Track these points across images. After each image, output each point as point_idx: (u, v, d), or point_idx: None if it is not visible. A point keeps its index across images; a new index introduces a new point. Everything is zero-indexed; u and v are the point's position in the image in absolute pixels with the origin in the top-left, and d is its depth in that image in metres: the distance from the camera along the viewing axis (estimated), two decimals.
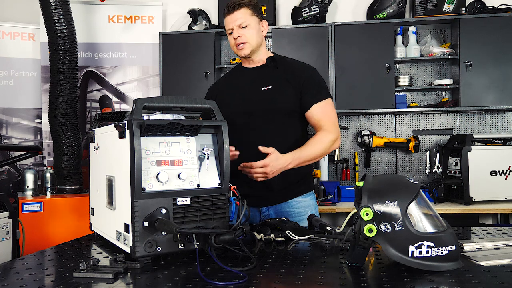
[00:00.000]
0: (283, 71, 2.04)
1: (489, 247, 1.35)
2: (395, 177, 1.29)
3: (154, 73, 4.05)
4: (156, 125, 1.27)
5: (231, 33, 2.02)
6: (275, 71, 2.04)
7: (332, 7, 3.88)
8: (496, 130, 3.77)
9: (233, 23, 1.99)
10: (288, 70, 2.04)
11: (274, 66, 2.04)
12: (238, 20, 1.98)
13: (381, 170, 3.89)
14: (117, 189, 1.38)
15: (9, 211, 2.57)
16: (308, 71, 2.06)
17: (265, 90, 1.99)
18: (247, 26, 1.99)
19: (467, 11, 3.62)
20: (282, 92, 1.98)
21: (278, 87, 1.99)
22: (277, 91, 1.98)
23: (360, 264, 1.18)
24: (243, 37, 1.99)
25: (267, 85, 2.00)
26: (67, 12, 3.23)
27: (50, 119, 3.35)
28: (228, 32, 2.04)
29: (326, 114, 1.99)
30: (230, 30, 2.01)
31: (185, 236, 1.23)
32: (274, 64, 2.05)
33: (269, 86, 1.99)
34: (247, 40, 1.99)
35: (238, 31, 1.98)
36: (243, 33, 1.98)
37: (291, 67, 2.06)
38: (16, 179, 4.11)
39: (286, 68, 2.06)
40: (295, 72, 2.04)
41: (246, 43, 1.99)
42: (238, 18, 1.98)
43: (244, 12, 1.99)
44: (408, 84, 3.69)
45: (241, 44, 1.99)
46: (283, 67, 2.06)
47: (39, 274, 1.20)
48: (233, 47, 2.05)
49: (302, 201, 2.03)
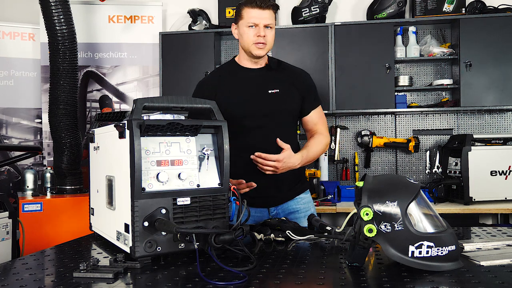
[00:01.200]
0: (287, 75, 2.06)
1: (489, 247, 1.35)
2: (395, 177, 1.29)
3: (154, 73, 4.05)
4: (156, 125, 1.27)
5: (252, 27, 1.94)
6: (279, 74, 2.05)
7: (332, 7, 3.88)
8: (496, 130, 3.77)
9: (262, 20, 1.93)
10: (292, 75, 2.07)
11: (278, 69, 2.06)
12: (268, 19, 1.94)
13: (381, 170, 3.89)
14: (117, 189, 1.38)
15: (9, 211, 2.57)
16: (307, 76, 2.13)
17: (272, 94, 2.00)
18: (272, 28, 1.97)
19: (467, 11, 3.62)
20: (289, 96, 2.01)
21: (285, 91, 2.01)
22: (285, 95, 2.00)
23: (360, 264, 1.18)
24: (267, 38, 1.95)
25: (274, 88, 2.00)
26: (67, 12, 3.23)
27: (50, 119, 3.35)
28: (249, 25, 1.94)
29: (321, 119, 2.10)
30: (255, 24, 1.93)
31: (185, 236, 1.23)
32: (278, 68, 2.06)
33: (276, 89, 2.00)
34: (268, 42, 1.97)
35: (265, 30, 1.94)
36: (267, 33, 1.95)
37: (293, 72, 2.10)
38: (16, 179, 4.11)
39: (289, 72, 2.08)
40: (298, 77, 2.08)
41: (266, 45, 1.97)
42: (268, 17, 1.94)
43: (272, 14, 1.96)
44: (408, 84, 3.69)
45: (262, 44, 1.95)
46: (286, 71, 2.08)
47: (39, 274, 1.20)
48: (249, 42, 1.96)
49: (305, 197, 2.11)
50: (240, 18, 1.98)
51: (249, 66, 2.07)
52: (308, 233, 1.59)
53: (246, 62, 2.07)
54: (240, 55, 2.09)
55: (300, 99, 2.04)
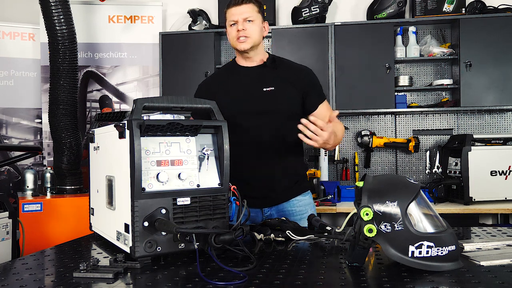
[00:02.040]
0: (284, 72, 2.02)
1: (489, 247, 1.35)
2: (395, 177, 1.29)
3: (154, 73, 4.05)
4: (156, 125, 1.27)
5: (233, 25, 1.98)
6: (276, 72, 2.02)
7: (332, 7, 3.88)
8: (496, 130, 3.77)
9: (239, 16, 1.96)
10: (289, 72, 2.03)
11: (274, 66, 2.03)
12: (245, 13, 1.96)
13: (381, 170, 3.89)
14: (117, 189, 1.38)
15: (9, 211, 2.57)
16: (309, 73, 2.08)
17: (267, 92, 1.97)
18: (253, 21, 1.98)
19: (467, 11, 3.62)
20: (285, 93, 1.98)
21: (281, 89, 1.98)
22: (280, 93, 1.97)
23: (360, 264, 1.18)
24: (247, 31, 1.97)
25: (269, 86, 1.98)
26: (67, 12, 3.23)
27: (50, 119, 3.35)
28: (229, 24, 1.99)
29: (330, 111, 1.99)
30: (234, 21, 1.97)
31: (185, 236, 1.23)
32: (274, 65, 2.03)
33: (271, 87, 1.98)
34: (250, 35, 1.97)
35: (244, 24, 1.96)
36: (247, 27, 1.97)
37: (291, 69, 2.06)
38: (16, 179, 4.11)
39: (286, 69, 2.05)
40: (297, 74, 2.04)
41: (248, 38, 1.97)
42: (245, 11, 1.96)
43: (251, 7, 1.98)
44: (408, 84, 3.69)
45: (243, 37, 1.96)
46: (283, 68, 2.04)
47: (39, 274, 1.20)
48: (233, 39, 1.99)
49: (302, 199, 2.05)
50: (225, 20, 2.04)
51: (246, 64, 2.06)
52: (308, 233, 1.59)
53: (242, 61, 2.07)
54: (236, 55, 2.11)
55: (298, 97, 1.99)
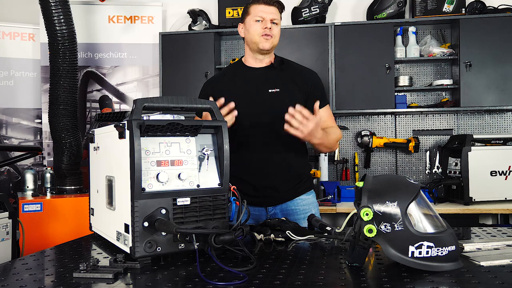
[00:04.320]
0: (290, 74, 2.04)
1: (489, 247, 1.35)
2: (395, 177, 1.29)
3: (154, 73, 4.05)
4: (156, 125, 1.27)
5: (259, 21, 2.00)
6: (282, 73, 2.04)
7: (332, 7, 3.88)
8: (496, 130, 3.77)
9: (268, 15, 1.99)
10: (295, 74, 2.05)
11: (281, 68, 2.04)
12: (274, 14, 2.01)
13: (381, 170, 3.89)
14: (117, 189, 1.38)
15: (9, 211, 2.57)
16: (315, 76, 2.12)
17: (272, 93, 1.99)
18: (277, 24, 2.03)
19: (467, 11, 3.62)
20: (289, 95, 1.99)
21: (286, 90, 2.00)
22: (285, 94, 1.99)
23: (360, 264, 1.18)
24: (273, 31, 2.01)
25: (275, 87, 2.00)
26: (67, 12, 3.23)
27: (50, 119, 3.35)
28: (255, 19, 2.00)
29: (330, 117, 2.08)
30: (262, 18, 2.00)
31: (185, 236, 1.23)
32: (282, 67, 2.05)
33: (276, 88, 2.00)
34: (274, 35, 2.02)
35: (271, 24, 2.00)
36: (274, 28, 2.01)
37: (297, 71, 2.08)
38: (16, 179, 4.11)
39: (292, 71, 2.07)
40: (302, 76, 2.06)
41: (272, 38, 2.01)
42: (274, 12, 2.01)
43: (278, 11, 2.03)
44: (408, 84, 3.69)
45: (269, 36, 2.00)
46: (290, 70, 2.07)
47: (39, 275, 1.20)
48: (257, 35, 2.00)
49: (306, 198, 2.07)
50: (247, 15, 2.04)
51: (253, 65, 2.08)
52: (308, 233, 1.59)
53: (251, 60, 2.08)
54: (246, 54, 2.11)
55: (302, 99, 2.00)
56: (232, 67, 2.22)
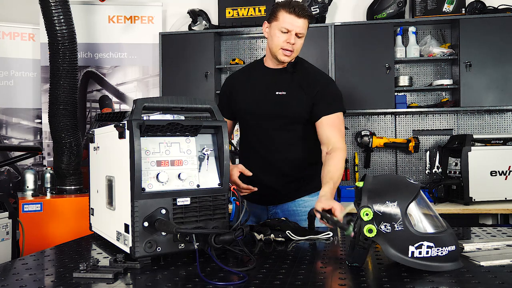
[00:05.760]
0: (300, 77, 2.01)
1: (489, 247, 1.35)
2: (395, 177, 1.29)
3: (154, 73, 4.05)
4: (156, 125, 1.27)
5: (285, 32, 1.90)
6: (292, 76, 2.01)
7: (332, 7, 3.88)
8: (496, 130, 3.76)
9: (295, 28, 1.89)
10: (304, 77, 2.01)
11: (294, 71, 2.02)
12: (302, 28, 1.91)
13: (381, 171, 3.89)
14: (117, 189, 1.38)
15: (9, 211, 2.57)
16: (324, 81, 2.02)
17: (279, 95, 1.98)
18: (302, 37, 1.95)
19: (467, 11, 3.61)
20: (295, 99, 1.97)
21: (292, 94, 1.98)
22: (291, 98, 1.97)
23: (360, 264, 1.18)
24: (295, 46, 1.93)
25: (282, 90, 1.98)
26: (67, 12, 3.23)
27: (50, 119, 3.35)
28: (281, 30, 1.90)
29: (334, 128, 1.93)
30: (288, 30, 1.89)
31: (185, 236, 1.23)
32: (293, 70, 2.02)
33: (283, 91, 1.98)
34: (295, 50, 1.95)
35: (295, 38, 1.92)
36: (297, 42, 1.93)
37: (308, 75, 2.02)
38: (16, 179, 4.11)
39: (303, 75, 2.02)
40: (310, 80, 2.00)
41: (293, 53, 1.95)
42: (302, 26, 1.91)
43: (307, 24, 1.93)
44: (408, 84, 3.69)
45: (290, 51, 1.93)
46: (301, 73, 2.02)
47: (39, 274, 1.20)
48: (277, 47, 1.93)
49: (309, 200, 2.04)
50: (274, 19, 1.94)
51: (271, 66, 2.05)
52: (308, 233, 1.59)
53: (270, 62, 2.06)
54: (267, 55, 2.08)
55: (309, 103, 1.95)
56: (252, 65, 2.21)
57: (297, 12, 1.88)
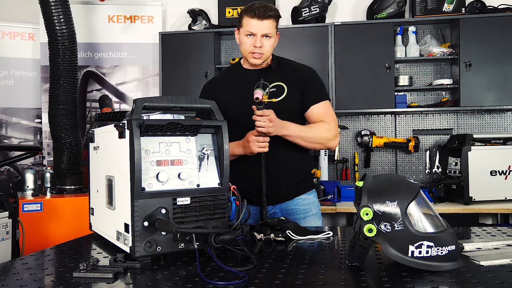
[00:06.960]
0: (285, 72, 2.04)
1: (489, 247, 1.35)
2: (395, 177, 1.29)
3: (154, 73, 4.05)
4: (156, 125, 1.27)
5: (249, 36, 1.95)
6: (279, 75, 2.02)
7: (332, 7, 3.88)
8: (496, 130, 3.77)
9: (259, 30, 1.93)
10: (290, 72, 2.05)
11: (278, 69, 2.04)
12: (267, 29, 1.93)
13: (381, 170, 3.89)
14: (117, 189, 1.38)
15: (9, 211, 2.57)
16: (310, 72, 2.09)
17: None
18: (270, 37, 1.97)
19: (467, 11, 3.62)
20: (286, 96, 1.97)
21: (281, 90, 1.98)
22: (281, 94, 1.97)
23: (360, 264, 1.18)
24: (263, 48, 1.96)
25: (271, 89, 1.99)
26: (67, 12, 3.23)
27: (50, 119, 3.35)
28: (246, 34, 1.96)
29: (326, 112, 2.03)
30: (252, 34, 1.94)
31: (185, 236, 1.23)
32: (279, 68, 2.04)
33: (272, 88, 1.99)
34: (264, 52, 1.97)
35: (261, 40, 1.94)
36: (264, 43, 1.95)
37: (293, 69, 2.07)
38: (16, 179, 4.11)
39: (287, 69, 2.06)
40: (296, 73, 2.05)
41: (262, 55, 1.97)
42: (266, 27, 1.93)
43: (272, 23, 1.95)
44: (408, 84, 3.69)
45: (258, 53, 1.96)
46: (285, 69, 2.06)
47: (39, 274, 1.20)
48: (246, 51, 1.98)
49: (307, 198, 2.07)
50: (241, 26, 1.99)
51: (249, 67, 2.09)
52: (308, 233, 1.59)
53: (248, 65, 2.09)
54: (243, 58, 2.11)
55: (299, 96, 2.01)
56: (231, 69, 2.22)
57: (259, 15, 1.92)
